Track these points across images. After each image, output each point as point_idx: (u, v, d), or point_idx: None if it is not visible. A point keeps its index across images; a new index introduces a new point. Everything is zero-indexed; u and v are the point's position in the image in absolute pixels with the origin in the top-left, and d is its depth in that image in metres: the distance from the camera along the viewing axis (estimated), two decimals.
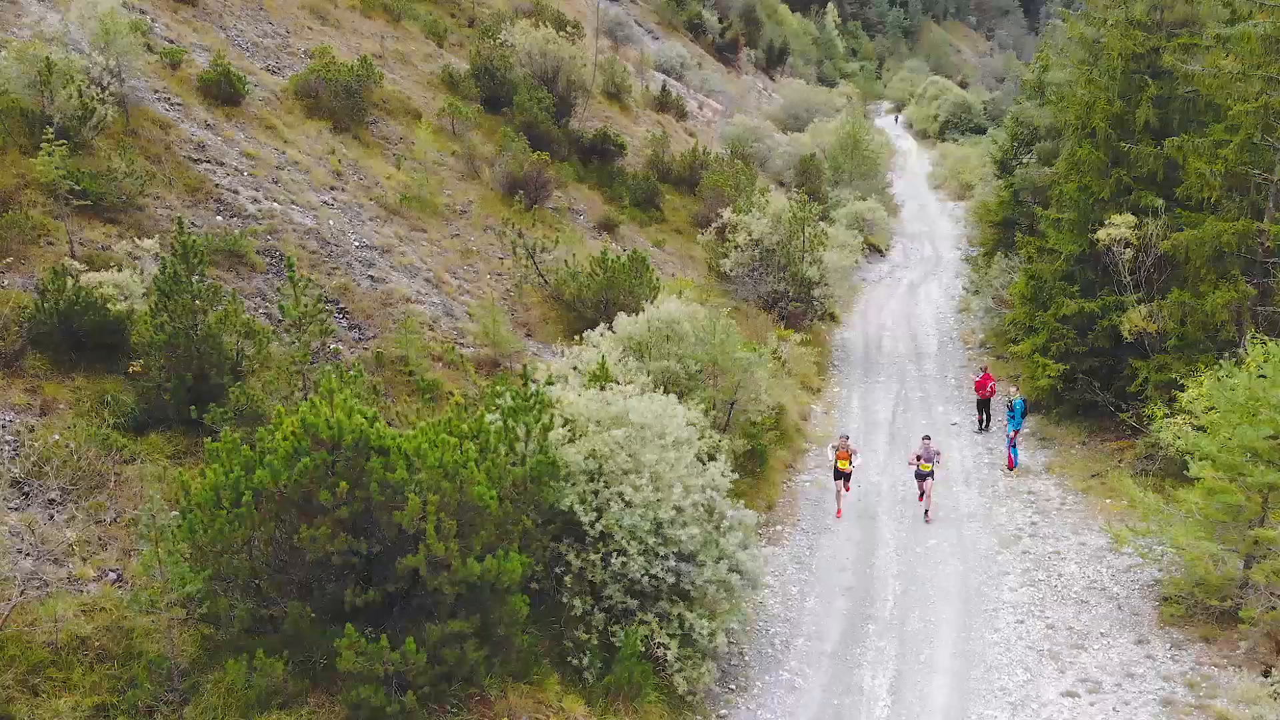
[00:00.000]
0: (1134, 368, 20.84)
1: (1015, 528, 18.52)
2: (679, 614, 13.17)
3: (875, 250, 43.48)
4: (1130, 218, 19.96)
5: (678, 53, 57.23)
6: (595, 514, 12.99)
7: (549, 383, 13.94)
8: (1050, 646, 14.73)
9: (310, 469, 10.20)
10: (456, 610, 10.99)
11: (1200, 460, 14.55)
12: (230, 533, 10.30)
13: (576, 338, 18.12)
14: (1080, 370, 22.02)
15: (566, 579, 12.85)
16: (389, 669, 10.31)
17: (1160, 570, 16.20)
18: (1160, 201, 20.60)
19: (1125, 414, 20.54)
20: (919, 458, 18.70)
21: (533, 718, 11.89)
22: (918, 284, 38.89)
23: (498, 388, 13.80)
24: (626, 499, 12.96)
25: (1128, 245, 19.65)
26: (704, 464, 14.25)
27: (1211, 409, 14.70)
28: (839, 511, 18.91)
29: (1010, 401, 21.38)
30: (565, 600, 12.88)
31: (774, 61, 79.30)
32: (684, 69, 56.50)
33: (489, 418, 12.56)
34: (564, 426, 13.64)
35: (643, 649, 12.82)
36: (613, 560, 12.75)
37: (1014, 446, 21.28)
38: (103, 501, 12.67)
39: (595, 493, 13.17)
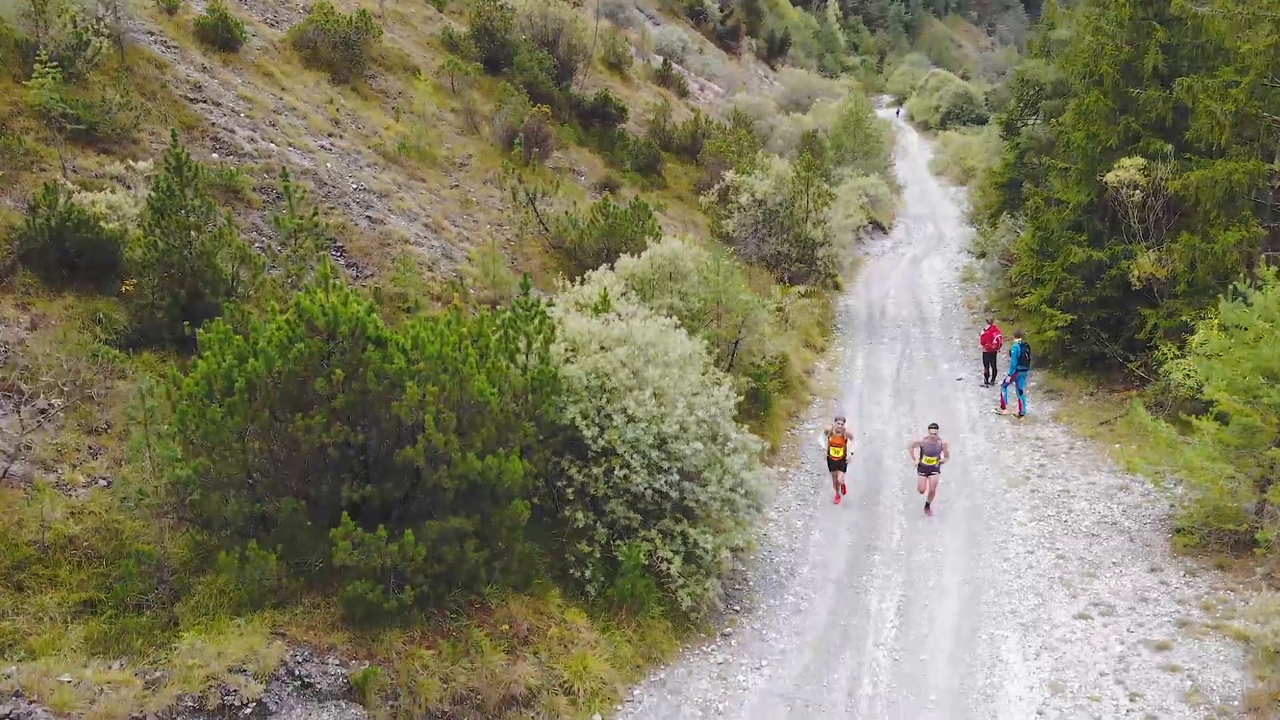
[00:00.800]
0: (1142, 316, 20.56)
1: (1023, 469, 18.23)
2: (682, 531, 12.89)
3: (878, 227, 43.23)
4: (1139, 160, 19.70)
5: (679, 37, 56.98)
6: (598, 429, 12.70)
7: (549, 305, 13.67)
8: (1061, 574, 14.43)
9: (305, 356, 9.93)
10: (456, 509, 10.71)
11: (1214, 385, 14.26)
12: (222, 425, 10.02)
13: (578, 279, 17.83)
14: (1088, 321, 21.73)
15: (568, 492, 12.55)
16: (386, 562, 10.02)
17: (1172, 505, 15.90)
18: (1169, 147, 20.33)
19: (1134, 363, 20.26)
20: (920, 449, 16.18)
21: (534, 626, 11.59)
22: (921, 258, 38.62)
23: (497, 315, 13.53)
24: (629, 413, 12.67)
25: (1136, 188, 19.34)
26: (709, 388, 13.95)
27: (1228, 329, 14.39)
28: (838, 498, 17.01)
29: (1009, 348, 21.15)
30: (567, 514, 12.58)
31: (775, 52, 79.07)
32: (685, 53, 56.23)
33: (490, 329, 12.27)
34: (565, 347, 13.35)
35: (645, 563, 12.52)
36: (615, 473, 12.45)
37: (1020, 392, 21.07)
38: (93, 412, 12.39)
39: (598, 409, 12.88)
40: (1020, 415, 20.91)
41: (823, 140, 40.59)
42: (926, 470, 16.12)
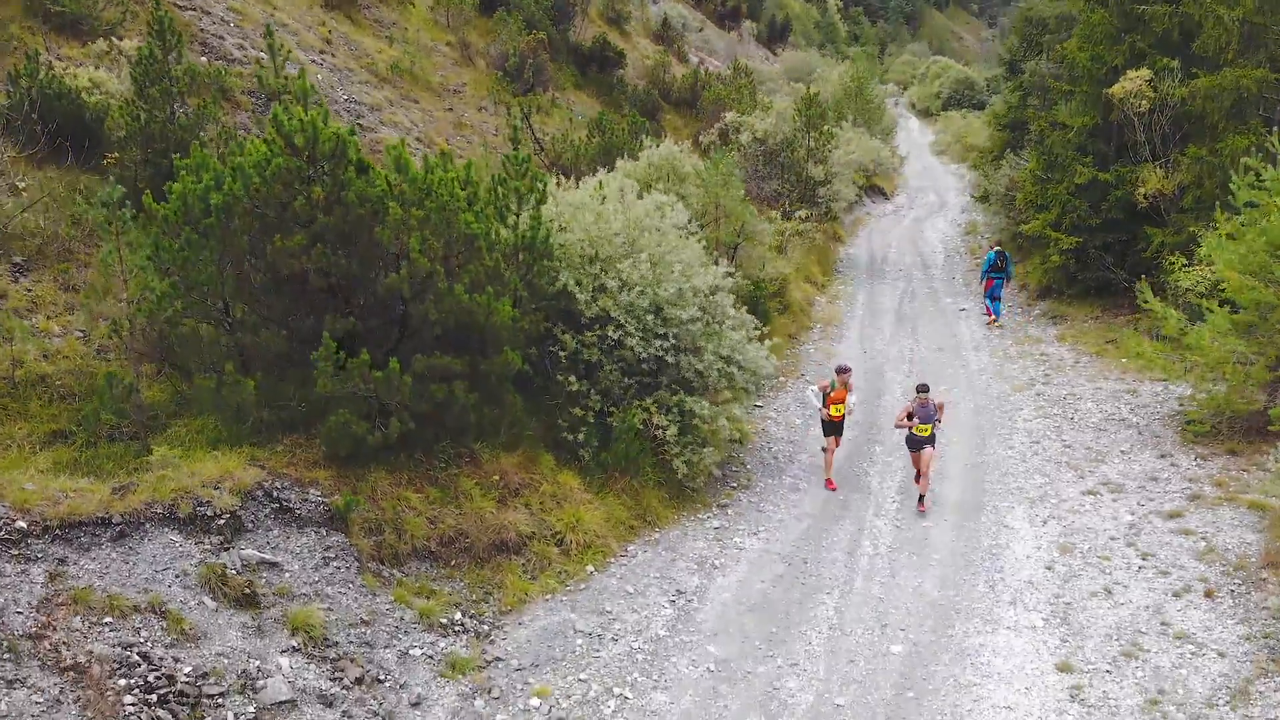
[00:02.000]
0: (1148, 236, 20.16)
1: (1028, 378, 17.85)
2: (679, 401, 12.50)
3: (880, 193, 42.91)
4: (1146, 72, 19.33)
5: (679, 13, 56.73)
6: (591, 295, 12.33)
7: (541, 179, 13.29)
8: (1068, 460, 14.04)
9: (283, 172, 9.57)
10: (445, 349, 10.32)
11: (1223, 263, 13.88)
12: (198, 249, 9.65)
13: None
14: (1093, 245, 21.34)
15: (561, 356, 12.17)
16: (370, 390, 9.63)
17: (1181, 403, 15.49)
18: (1175, 63, 19.95)
19: (1142, 281, 19.85)
20: (910, 416, 12.69)
21: (525, 481, 11.21)
22: (923, 219, 38.24)
23: None
24: (624, 279, 12.30)
25: (1142, 98, 18.97)
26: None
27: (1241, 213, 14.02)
28: (829, 482, 13.60)
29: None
30: (560, 378, 12.19)
31: (776, 37, 78.78)
32: (685, 30, 55.99)
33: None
34: (559, 222, 12.98)
35: (640, 428, 12.14)
36: (609, 337, 12.08)
37: (995, 300, 21.61)
38: (72, 270, 12.05)
39: (593, 277, 12.51)
40: (993, 321, 21.22)
41: (824, 103, 40.22)
42: (918, 443, 12.56)
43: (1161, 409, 15.81)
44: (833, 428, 13.56)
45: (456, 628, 9.44)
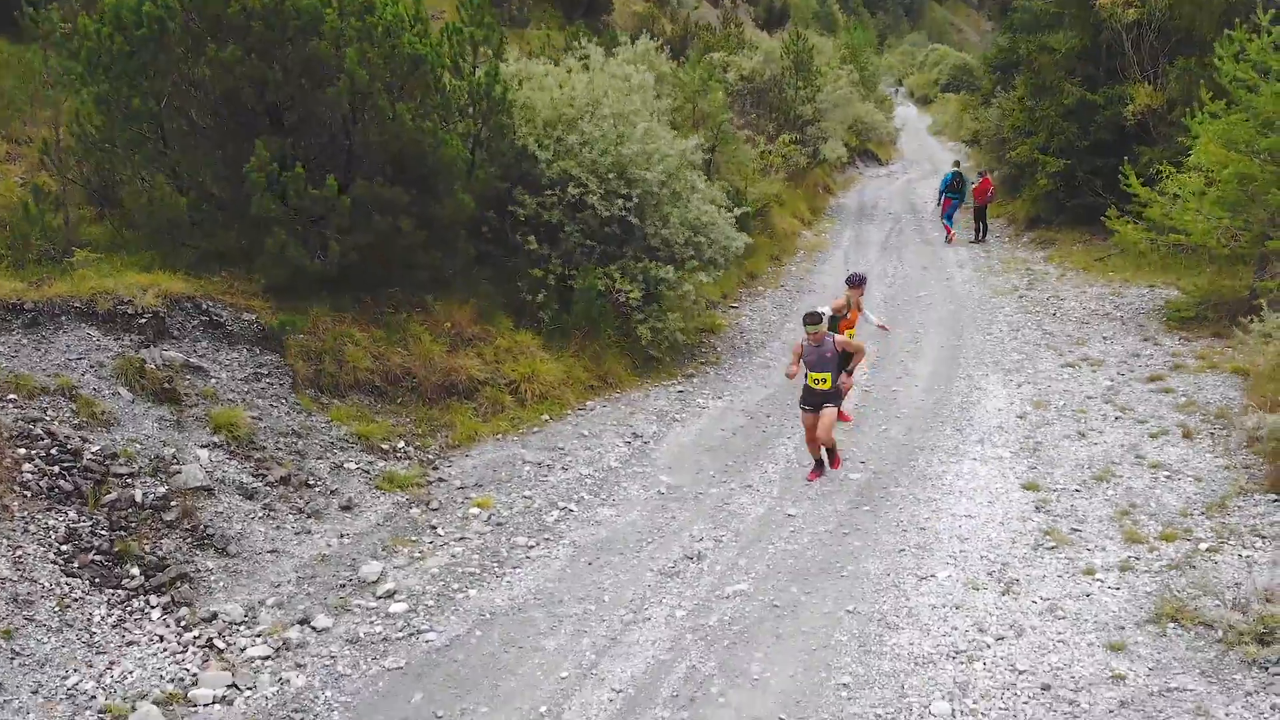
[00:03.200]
0: (1137, 154, 19.72)
1: (1011, 286, 17.44)
2: (643, 267, 12.10)
3: (874, 159, 42.60)
4: None
5: None
6: (551, 155, 11.93)
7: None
8: (1049, 344, 13.60)
9: None
10: (391, 179, 9.92)
11: (1206, 140, 13.47)
12: (131, 64, 9.25)
13: None
14: (1082, 170, 20.90)
15: (519, 215, 11.77)
16: (306, 207, 9.23)
17: (1166, 303, 15.08)
18: None
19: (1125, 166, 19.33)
20: (799, 360, 8.94)
21: (480, 334, 10.81)
22: (916, 180, 37.84)
23: None
24: (585, 135, 11.91)
25: (1130, 6, 18.59)
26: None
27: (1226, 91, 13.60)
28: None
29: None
30: (519, 238, 11.79)
31: (774, 23, 78.48)
32: (679, 4, 55.70)
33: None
34: (521, 79, 12.61)
35: (602, 289, 11.74)
36: (570, 193, 11.68)
37: (948, 218, 22.16)
38: (17, 124, 11.68)
39: (555, 140, 12.11)
40: (952, 236, 21.75)
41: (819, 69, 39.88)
42: (813, 401, 8.85)
43: (1147, 305, 15.39)
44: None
45: (398, 454, 9.04)
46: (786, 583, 7.15)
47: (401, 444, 9.18)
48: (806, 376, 8.95)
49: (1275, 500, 8.18)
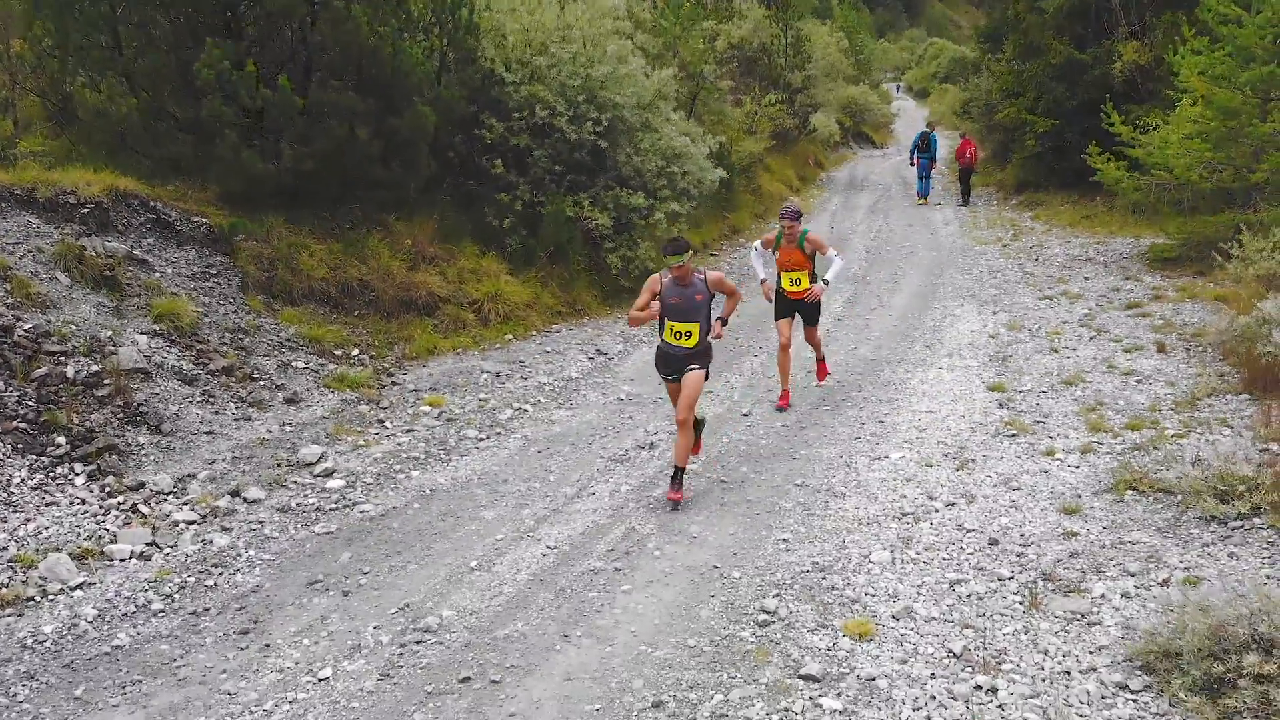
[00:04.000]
0: (1126, 111, 19.51)
1: (995, 237, 17.24)
2: (614, 195, 11.90)
3: (869, 141, 42.41)
4: None
5: None
6: (519, 79, 11.74)
7: None
8: (1029, 283, 13.39)
9: None
10: (350, 86, 9.71)
11: (1188, 71, 13.29)
12: None
13: None
14: (1070, 132, 20.70)
15: (487, 137, 11.57)
16: (257, 106, 9.03)
17: (1151, 248, 14.88)
18: None
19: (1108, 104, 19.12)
20: (655, 296, 6.34)
21: (443, 255, 10.62)
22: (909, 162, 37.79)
23: None
24: (554, 57, 11.72)
25: None
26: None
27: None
28: (784, 396, 8.31)
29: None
30: (485, 162, 11.60)
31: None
32: None
33: None
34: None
35: (571, 215, 11.54)
36: (538, 115, 11.49)
37: (922, 179, 22.43)
38: None
39: (523, 64, 11.92)
40: (923, 201, 21.81)
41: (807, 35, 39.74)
42: (674, 365, 6.48)
43: (1130, 252, 15.19)
44: (787, 308, 8.44)
45: (352, 361, 8.84)
46: (737, 464, 6.95)
47: (356, 352, 8.98)
48: (664, 328, 6.36)
49: (1248, 399, 7.96)
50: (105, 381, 6.85)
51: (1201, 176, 13.10)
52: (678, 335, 6.34)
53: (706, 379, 6.46)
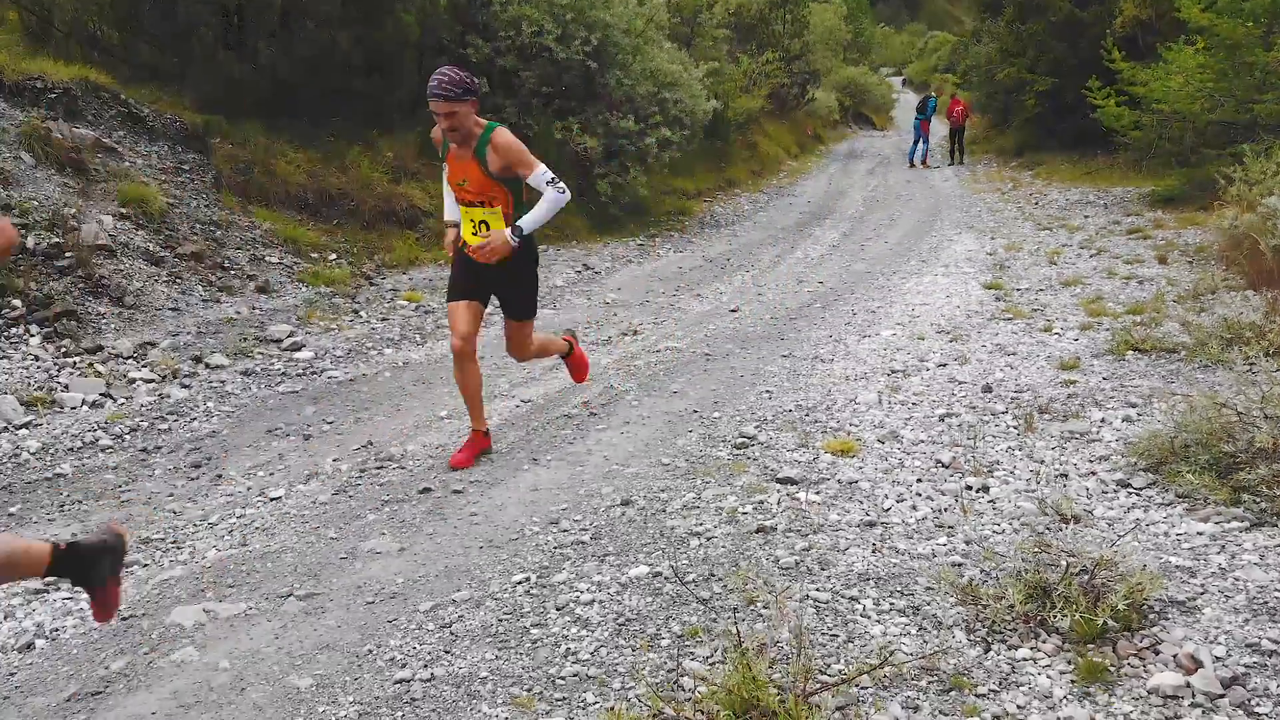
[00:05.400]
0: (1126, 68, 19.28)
1: (994, 188, 17.01)
2: (604, 119, 11.65)
3: (869, 123, 42.18)
4: None
5: None
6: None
7: None
8: (1025, 218, 13.15)
9: None
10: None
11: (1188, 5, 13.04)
12: None
13: None
14: (1070, 92, 20.45)
15: (471, 57, 11.31)
16: (232, 2, 8.78)
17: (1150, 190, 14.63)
18: None
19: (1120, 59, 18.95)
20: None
21: (426, 170, 10.36)
22: (908, 141, 37.59)
23: None
24: None
25: None
26: None
27: None
28: (468, 445, 4.50)
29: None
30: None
31: None
32: None
33: None
34: None
35: (560, 137, 11.28)
36: (524, 32, 11.23)
37: (924, 140, 22.54)
38: None
39: None
40: (911, 165, 22.05)
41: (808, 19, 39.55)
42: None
43: (1131, 196, 14.93)
44: (466, 277, 4.70)
45: (329, 262, 8.57)
46: (723, 343, 6.70)
47: (334, 256, 8.72)
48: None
49: (1252, 295, 7.70)
50: (67, 254, 6.59)
51: (1203, 109, 12.83)
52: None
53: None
